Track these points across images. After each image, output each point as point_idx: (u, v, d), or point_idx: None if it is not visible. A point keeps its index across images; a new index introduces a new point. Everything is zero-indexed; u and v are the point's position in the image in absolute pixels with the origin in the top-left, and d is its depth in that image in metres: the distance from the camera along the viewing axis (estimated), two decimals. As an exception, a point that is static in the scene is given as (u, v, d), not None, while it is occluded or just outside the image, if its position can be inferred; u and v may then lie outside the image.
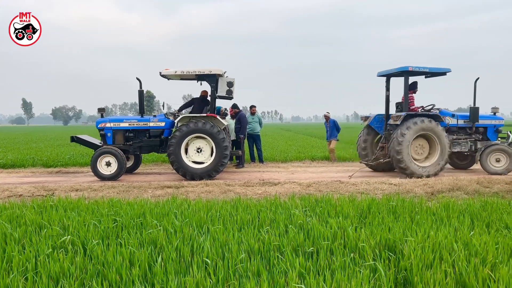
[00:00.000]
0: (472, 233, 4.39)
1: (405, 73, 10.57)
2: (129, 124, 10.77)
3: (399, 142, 10.18)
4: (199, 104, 10.90)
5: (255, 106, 14.01)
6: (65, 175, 11.60)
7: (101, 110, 10.98)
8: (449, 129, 11.11)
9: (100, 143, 10.97)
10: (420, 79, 11.46)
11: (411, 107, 10.94)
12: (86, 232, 4.58)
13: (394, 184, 9.07)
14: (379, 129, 11.56)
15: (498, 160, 10.79)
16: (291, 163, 13.77)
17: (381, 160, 11.26)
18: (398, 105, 11.37)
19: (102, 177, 10.25)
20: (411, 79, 11.05)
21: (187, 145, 10.29)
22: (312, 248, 4.09)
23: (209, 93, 10.84)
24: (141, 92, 10.55)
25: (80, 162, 13.64)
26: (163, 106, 11.49)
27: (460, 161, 12.23)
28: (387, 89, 11.61)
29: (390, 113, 11.38)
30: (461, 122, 11.22)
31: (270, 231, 4.64)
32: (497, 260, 3.64)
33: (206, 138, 10.21)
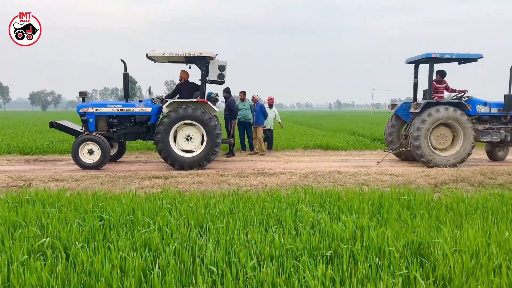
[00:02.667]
0: (507, 234, 3.94)
1: (430, 60, 10.15)
2: (113, 110, 10.05)
3: (417, 130, 9.87)
4: (187, 89, 10.22)
5: (244, 92, 13.31)
6: (44, 164, 10.84)
7: (83, 94, 10.22)
8: (480, 118, 10.61)
9: (82, 129, 10.24)
10: (452, 67, 11.12)
11: (439, 95, 10.55)
12: (68, 232, 3.98)
13: (395, 175, 8.68)
14: (406, 117, 11.15)
15: None
16: (283, 152, 13.27)
17: (403, 149, 10.91)
18: (424, 92, 10.95)
19: (84, 166, 9.56)
20: (440, 67, 10.71)
21: (175, 132, 9.66)
22: (330, 252, 3.59)
23: (189, 74, 10.27)
24: (126, 75, 9.82)
25: (59, 149, 12.84)
26: (149, 90, 10.77)
27: (499, 152, 11.64)
28: (415, 76, 11.24)
29: (418, 101, 11.07)
30: (494, 110, 10.52)
31: (278, 231, 4.13)
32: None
33: (196, 125, 9.59)
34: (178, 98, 10.02)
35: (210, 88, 10.90)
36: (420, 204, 5.23)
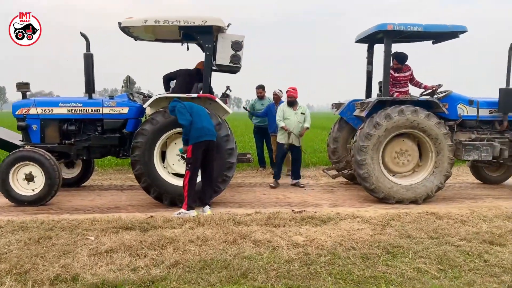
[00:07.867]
0: None
1: (385, 35, 6.51)
2: (68, 111, 6.47)
3: (366, 139, 6.28)
4: (186, 78, 6.63)
5: (263, 87, 9.67)
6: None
7: (23, 87, 6.61)
8: (462, 124, 6.86)
9: (22, 141, 6.70)
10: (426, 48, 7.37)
11: (401, 89, 6.92)
12: None
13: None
14: (354, 122, 7.39)
15: None
16: (316, 169, 9.69)
17: (345, 172, 7.25)
18: (380, 86, 7.10)
19: (19, 201, 6.01)
20: (399, 49, 6.99)
21: (164, 146, 6.13)
22: None
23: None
24: (88, 57, 6.28)
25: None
26: (126, 82, 7.17)
27: (491, 172, 8.07)
28: (369, 61, 7.56)
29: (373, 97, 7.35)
30: (484, 112, 6.89)
31: None
32: None
33: (196, 136, 6.04)
34: (171, 90, 6.46)
35: (218, 79, 7.28)
36: None
